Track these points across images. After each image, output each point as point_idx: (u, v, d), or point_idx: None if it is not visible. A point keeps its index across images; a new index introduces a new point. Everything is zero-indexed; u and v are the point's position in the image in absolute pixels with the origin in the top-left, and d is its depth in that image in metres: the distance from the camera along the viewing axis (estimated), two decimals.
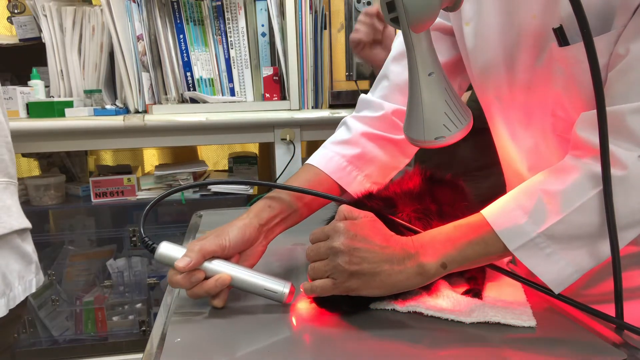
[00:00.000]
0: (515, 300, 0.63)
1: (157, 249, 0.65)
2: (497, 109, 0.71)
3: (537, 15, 0.60)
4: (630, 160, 0.54)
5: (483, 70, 0.70)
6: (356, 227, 0.60)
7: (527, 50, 0.63)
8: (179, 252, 0.64)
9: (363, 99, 0.85)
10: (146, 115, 1.57)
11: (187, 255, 0.63)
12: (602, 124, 0.53)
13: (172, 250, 0.65)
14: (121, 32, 1.59)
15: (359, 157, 0.79)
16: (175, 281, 0.64)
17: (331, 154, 0.79)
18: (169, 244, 0.66)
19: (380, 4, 0.56)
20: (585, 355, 0.52)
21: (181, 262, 0.63)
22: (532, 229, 0.56)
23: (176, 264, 0.63)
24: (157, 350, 0.55)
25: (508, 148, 0.73)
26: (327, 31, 1.71)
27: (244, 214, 0.70)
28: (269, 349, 0.55)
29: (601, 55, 0.54)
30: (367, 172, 0.79)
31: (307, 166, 0.80)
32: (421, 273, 0.59)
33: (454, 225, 0.61)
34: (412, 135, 0.63)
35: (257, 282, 0.65)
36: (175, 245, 0.66)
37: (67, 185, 1.77)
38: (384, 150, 0.80)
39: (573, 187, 0.56)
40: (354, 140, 0.80)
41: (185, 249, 0.65)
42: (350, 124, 0.82)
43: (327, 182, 0.78)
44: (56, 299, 1.78)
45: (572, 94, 0.60)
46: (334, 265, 0.59)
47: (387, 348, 0.54)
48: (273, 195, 0.74)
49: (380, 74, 0.84)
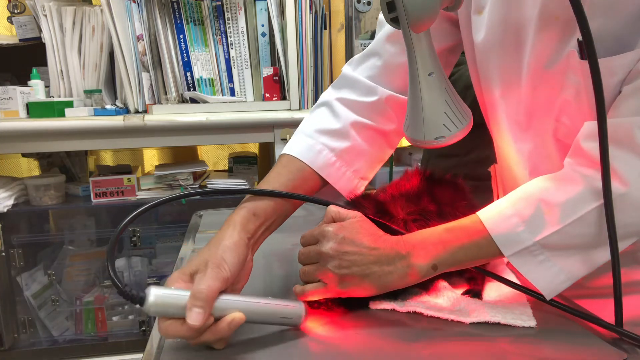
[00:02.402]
0: (515, 300, 0.63)
1: (146, 299, 0.51)
2: (501, 109, 0.69)
3: (560, 17, 0.58)
4: (632, 177, 0.54)
5: (490, 64, 0.67)
6: (344, 229, 0.60)
7: (541, 51, 0.61)
8: (176, 297, 0.52)
9: (349, 77, 0.77)
10: (146, 115, 1.57)
11: (196, 307, 0.51)
12: (602, 136, 0.53)
13: (166, 297, 0.52)
14: (121, 32, 1.59)
15: (348, 151, 0.73)
16: (176, 331, 0.51)
17: (319, 147, 0.72)
18: (159, 289, 0.52)
19: (380, 4, 0.56)
20: (585, 355, 0.52)
21: (194, 319, 0.50)
22: (528, 238, 0.56)
23: (190, 323, 0.50)
24: (157, 350, 0.55)
25: (509, 150, 0.72)
26: (327, 31, 1.71)
27: (227, 227, 0.60)
28: (268, 348, 0.55)
29: (619, 72, 0.54)
30: (356, 167, 0.74)
31: (289, 159, 0.71)
32: (411, 274, 0.59)
33: (446, 228, 0.61)
34: (412, 135, 0.63)
35: (271, 311, 0.57)
36: (167, 290, 0.53)
37: (67, 185, 1.77)
38: (373, 143, 0.76)
39: (573, 200, 0.56)
40: (344, 131, 0.73)
41: (179, 291, 0.53)
42: (337, 110, 0.75)
43: (313, 178, 0.71)
44: (56, 299, 1.78)
45: (582, 105, 0.59)
46: (324, 269, 0.59)
47: (387, 348, 0.54)
48: (255, 199, 0.65)
49: (369, 49, 0.77)
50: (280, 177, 0.69)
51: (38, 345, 1.74)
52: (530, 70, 0.63)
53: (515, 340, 0.55)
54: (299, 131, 0.75)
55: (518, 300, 0.63)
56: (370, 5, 1.69)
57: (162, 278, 1.81)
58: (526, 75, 0.64)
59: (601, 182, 0.54)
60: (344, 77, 0.78)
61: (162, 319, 0.52)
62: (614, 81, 0.55)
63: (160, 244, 1.86)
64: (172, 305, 0.51)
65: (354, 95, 0.75)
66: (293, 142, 0.73)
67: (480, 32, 0.66)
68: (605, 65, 0.54)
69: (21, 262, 1.70)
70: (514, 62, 0.64)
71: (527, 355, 0.52)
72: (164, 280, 1.78)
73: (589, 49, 0.51)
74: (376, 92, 0.74)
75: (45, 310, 1.76)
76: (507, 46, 0.64)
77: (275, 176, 0.69)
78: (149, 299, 0.51)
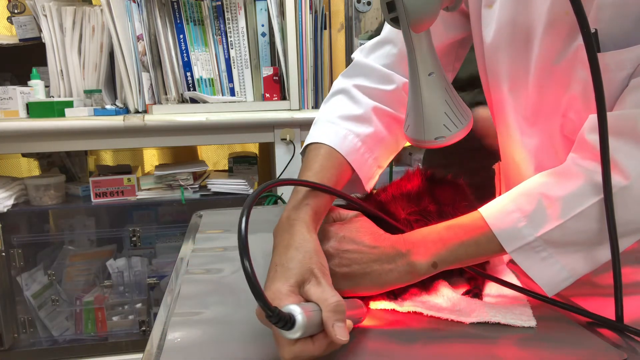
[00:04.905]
0: (515, 300, 0.63)
1: (296, 321, 0.45)
2: (508, 104, 0.68)
3: (569, 12, 0.56)
4: (635, 170, 0.53)
5: (499, 61, 0.67)
6: (344, 229, 0.60)
7: (550, 46, 0.60)
8: (317, 314, 0.48)
9: (363, 64, 0.75)
10: (146, 115, 1.57)
11: (339, 321, 0.48)
12: (602, 130, 0.53)
13: (311, 317, 0.47)
14: (121, 32, 1.59)
15: (372, 137, 0.71)
16: (311, 351, 0.47)
17: (344, 132, 0.69)
18: (297, 307, 0.46)
19: (380, 4, 0.56)
20: (585, 355, 0.52)
21: (343, 334, 0.47)
22: (530, 233, 0.56)
23: (340, 339, 0.47)
24: (157, 350, 0.55)
25: (515, 146, 0.71)
26: (327, 31, 1.71)
27: (301, 227, 0.56)
28: (268, 348, 0.55)
29: (627, 65, 0.54)
30: (376, 154, 0.72)
31: (330, 152, 0.68)
32: (411, 272, 0.59)
33: (446, 225, 0.61)
34: (412, 135, 0.63)
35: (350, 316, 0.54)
36: (304, 307, 0.47)
37: (67, 185, 1.77)
38: (391, 130, 0.74)
39: (574, 194, 0.56)
40: (367, 116, 0.71)
41: (310, 306, 0.48)
42: (356, 96, 0.73)
43: (347, 170, 0.68)
44: (56, 299, 1.78)
45: (588, 101, 0.58)
46: None
47: (387, 348, 0.54)
48: (316, 196, 0.60)
49: (382, 37, 0.76)
50: (327, 172, 0.65)
51: (38, 345, 1.74)
52: (539, 66, 0.62)
53: (515, 340, 0.55)
54: (320, 120, 0.73)
55: (518, 300, 0.63)
56: (370, 5, 1.69)
57: (162, 278, 1.81)
58: (534, 71, 0.63)
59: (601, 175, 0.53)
60: (357, 65, 0.76)
61: (289, 343, 0.47)
62: (622, 75, 0.55)
63: (160, 244, 1.86)
64: (315, 323, 0.47)
65: (369, 82, 0.74)
66: (321, 131, 0.70)
67: (490, 27, 0.66)
68: (614, 58, 0.54)
69: (21, 262, 1.70)
70: (523, 59, 0.64)
71: (527, 356, 0.52)
72: (164, 280, 1.78)
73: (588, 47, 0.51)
74: (393, 80, 0.73)
75: (45, 310, 1.77)
76: (516, 45, 0.64)
77: (321, 170, 0.65)
78: (299, 321, 0.45)
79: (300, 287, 0.51)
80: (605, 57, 0.54)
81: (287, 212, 0.59)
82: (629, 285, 0.58)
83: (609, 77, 0.54)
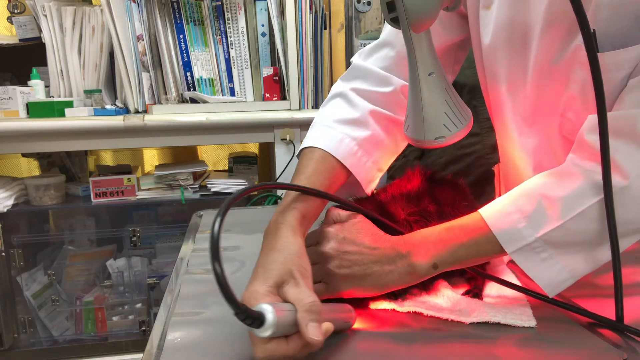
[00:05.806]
0: (515, 300, 0.63)
1: (266, 319, 0.45)
2: (507, 104, 0.69)
3: (567, 11, 0.56)
4: (634, 170, 0.53)
5: (497, 63, 0.67)
6: (345, 230, 0.60)
7: (548, 46, 0.60)
8: (290, 314, 0.47)
9: (361, 67, 0.75)
10: (146, 115, 1.57)
11: (313, 321, 0.48)
12: (603, 131, 0.53)
13: (283, 315, 0.46)
14: (121, 32, 1.59)
15: (369, 140, 0.71)
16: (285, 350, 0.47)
17: (340, 135, 0.69)
18: (269, 306, 0.46)
19: (380, 4, 0.56)
20: (586, 355, 0.52)
21: (316, 334, 0.47)
22: (530, 234, 0.56)
23: (313, 338, 0.47)
24: (157, 350, 0.55)
25: (513, 147, 0.71)
26: (327, 31, 1.71)
27: (286, 230, 0.56)
28: None
29: (625, 65, 0.54)
30: (375, 157, 0.72)
31: (324, 156, 0.68)
32: (412, 273, 0.59)
33: (446, 226, 0.61)
34: (412, 135, 0.63)
35: (340, 319, 0.55)
36: (278, 307, 0.47)
37: (67, 185, 1.77)
38: (390, 133, 0.74)
39: (574, 194, 0.55)
40: (363, 119, 0.71)
41: (284, 305, 0.48)
42: (353, 99, 0.73)
43: (342, 173, 0.69)
44: (56, 299, 1.78)
45: (587, 101, 0.59)
46: (325, 270, 0.59)
47: (387, 348, 0.54)
48: (304, 199, 0.60)
49: (381, 41, 0.76)
50: (319, 176, 0.66)
51: (38, 345, 1.74)
52: (537, 66, 0.62)
53: (515, 340, 0.55)
54: (317, 123, 0.73)
55: (518, 300, 0.63)
56: (370, 5, 1.69)
57: (162, 278, 1.81)
58: (533, 71, 0.63)
59: (601, 175, 0.53)
60: (355, 68, 0.76)
61: (262, 341, 0.46)
62: (620, 75, 0.55)
63: (160, 244, 1.86)
64: (288, 323, 0.47)
65: (367, 85, 0.74)
66: (316, 135, 0.70)
67: (488, 28, 0.66)
68: (612, 59, 0.54)
69: (21, 262, 1.70)
70: (521, 59, 0.64)
71: (527, 356, 0.52)
72: (164, 280, 1.78)
73: (588, 47, 0.51)
74: (391, 83, 0.73)
75: (45, 310, 1.77)
76: (514, 45, 0.64)
77: (313, 173, 0.66)
78: (269, 319, 0.45)
79: (279, 288, 0.51)
80: (603, 58, 0.54)
81: (275, 215, 0.59)
82: (629, 285, 0.58)
83: (608, 77, 0.54)
